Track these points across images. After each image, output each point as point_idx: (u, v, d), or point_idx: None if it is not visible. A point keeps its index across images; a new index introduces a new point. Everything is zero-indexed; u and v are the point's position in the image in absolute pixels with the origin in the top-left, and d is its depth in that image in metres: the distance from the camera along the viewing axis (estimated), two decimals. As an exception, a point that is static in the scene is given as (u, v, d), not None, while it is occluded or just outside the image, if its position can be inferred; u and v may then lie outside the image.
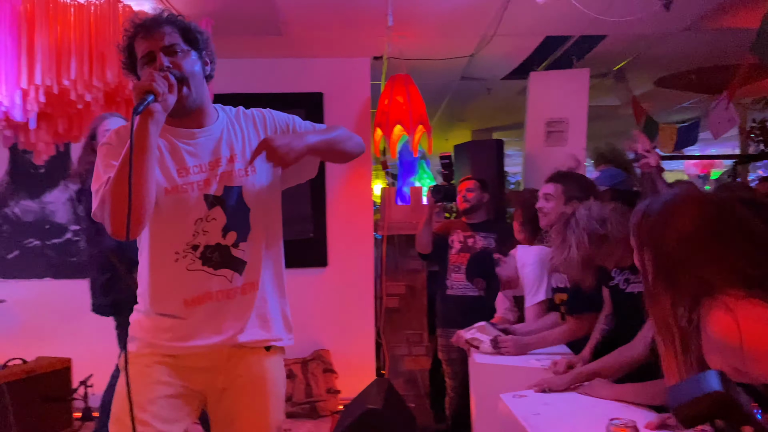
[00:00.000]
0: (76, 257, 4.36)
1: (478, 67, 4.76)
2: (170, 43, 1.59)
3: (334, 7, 3.40)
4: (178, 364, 1.63)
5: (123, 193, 1.39)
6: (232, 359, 1.66)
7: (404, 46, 4.01)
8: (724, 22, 3.72)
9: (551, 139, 4.28)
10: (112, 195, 1.44)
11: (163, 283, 1.63)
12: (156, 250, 1.63)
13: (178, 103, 1.55)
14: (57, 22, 2.84)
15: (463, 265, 3.65)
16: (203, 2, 3.26)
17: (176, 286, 1.62)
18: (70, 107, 3.18)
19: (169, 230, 1.61)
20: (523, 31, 3.90)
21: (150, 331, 1.64)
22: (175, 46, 1.60)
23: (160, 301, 1.63)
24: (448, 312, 3.72)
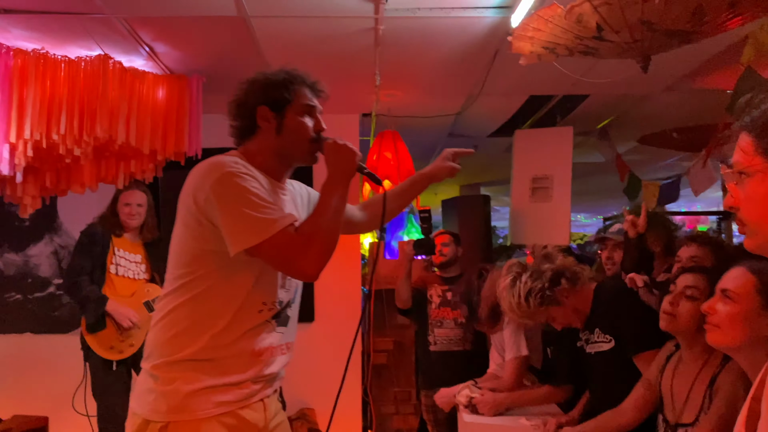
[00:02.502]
0: (59, 311, 4.29)
1: (464, 125, 4.85)
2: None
3: (324, 66, 3.48)
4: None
5: (332, 236, 1.49)
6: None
7: (392, 103, 4.09)
8: (703, 84, 3.83)
9: (537, 195, 4.33)
10: (328, 236, 1.48)
11: (239, 333, 1.54)
12: (249, 301, 1.54)
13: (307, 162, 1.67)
14: (47, 78, 2.88)
15: (446, 319, 3.63)
16: (194, 60, 3.32)
17: (250, 339, 1.55)
18: (58, 161, 3.20)
19: (270, 278, 1.58)
20: (508, 91, 4.00)
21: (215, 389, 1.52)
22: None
23: (231, 351, 1.53)
24: (431, 370, 3.65)
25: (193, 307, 1.51)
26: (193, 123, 3.35)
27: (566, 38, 2.25)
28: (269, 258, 1.48)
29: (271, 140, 1.62)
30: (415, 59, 3.40)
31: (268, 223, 1.44)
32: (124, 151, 3.28)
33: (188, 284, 1.52)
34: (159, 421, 1.46)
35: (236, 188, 1.46)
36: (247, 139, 1.65)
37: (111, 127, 2.99)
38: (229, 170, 1.48)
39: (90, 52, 3.07)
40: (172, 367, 1.50)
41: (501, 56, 3.22)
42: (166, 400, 1.47)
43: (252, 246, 1.43)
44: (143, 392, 1.52)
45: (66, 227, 4.36)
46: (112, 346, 3.30)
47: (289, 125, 1.61)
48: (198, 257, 1.52)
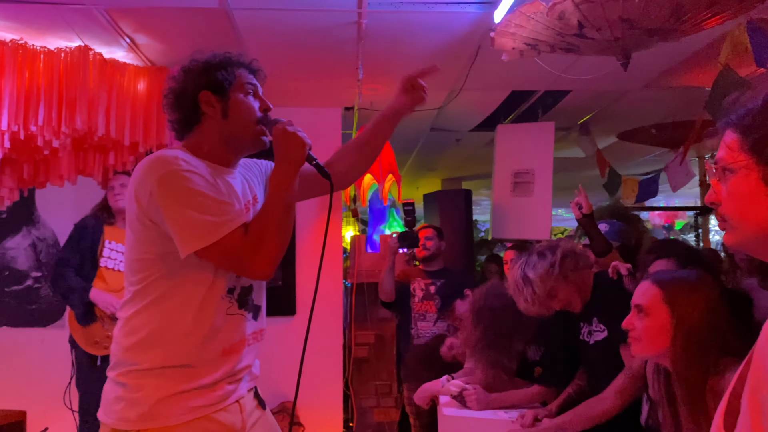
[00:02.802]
0: (36, 305, 4.24)
1: (447, 119, 4.86)
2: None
3: (306, 59, 3.47)
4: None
5: (284, 233, 1.41)
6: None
7: (375, 97, 4.09)
8: (681, 81, 3.89)
9: (518, 189, 4.36)
10: (279, 233, 1.40)
11: (205, 331, 1.46)
12: (213, 296, 1.47)
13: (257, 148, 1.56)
14: (26, 68, 2.84)
15: (428, 312, 3.66)
16: (175, 52, 3.29)
17: (215, 336, 1.47)
18: (36, 153, 3.16)
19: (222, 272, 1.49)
20: (490, 86, 4.02)
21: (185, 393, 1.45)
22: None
23: (200, 352, 1.46)
24: (414, 363, 3.68)
25: (153, 312, 1.45)
26: (174, 115, 3.32)
27: (548, 35, 2.27)
28: (218, 261, 1.42)
29: (217, 126, 1.52)
30: (398, 53, 3.40)
31: (216, 226, 1.37)
32: (104, 143, 3.25)
33: (144, 290, 1.45)
34: (129, 430, 1.41)
35: (179, 188, 1.38)
36: (190, 130, 1.55)
37: (90, 119, 2.96)
38: (170, 169, 1.39)
39: (70, 43, 3.03)
40: (138, 374, 1.44)
41: (483, 51, 3.24)
42: (135, 408, 1.41)
43: (199, 249, 1.37)
44: (110, 401, 1.46)
45: (44, 220, 4.30)
46: (96, 341, 3.27)
47: (235, 107, 1.52)
48: (148, 262, 1.45)
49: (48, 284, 3.40)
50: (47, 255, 4.27)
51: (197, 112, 1.53)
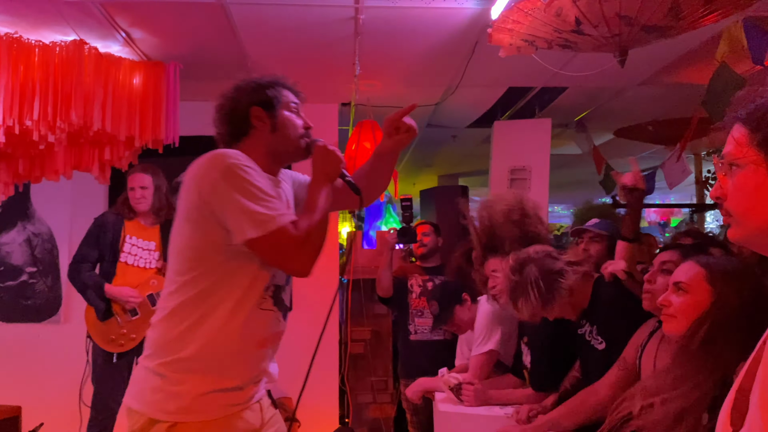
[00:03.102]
0: (31, 300, 4.23)
1: (443, 116, 4.86)
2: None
3: (303, 55, 3.46)
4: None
5: (322, 237, 1.54)
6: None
7: (371, 93, 4.08)
8: (678, 78, 3.89)
9: (515, 186, 4.36)
10: (319, 236, 1.53)
11: (241, 322, 1.55)
12: (254, 290, 1.57)
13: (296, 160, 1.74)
14: (20, 63, 2.83)
15: (425, 309, 3.65)
16: (171, 47, 3.28)
17: (251, 329, 1.57)
18: (31, 148, 3.15)
19: (272, 272, 1.60)
20: (487, 82, 4.01)
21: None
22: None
23: (235, 344, 1.55)
24: (412, 359, 3.69)
25: (198, 304, 1.52)
26: (170, 110, 3.31)
27: (545, 31, 2.27)
28: (266, 253, 1.51)
29: (265, 139, 1.67)
30: (395, 49, 3.40)
31: (270, 218, 1.47)
32: (100, 138, 3.23)
33: (192, 281, 1.53)
34: (166, 420, 1.47)
35: (240, 180, 1.49)
36: (237, 142, 1.69)
37: (86, 114, 2.95)
38: (233, 161, 1.51)
39: (65, 37, 3.02)
40: (179, 366, 1.50)
41: (480, 48, 3.24)
42: (176, 401, 1.48)
43: (251, 239, 1.46)
44: (147, 390, 1.52)
45: (39, 215, 4.29)
46: (112, 338, 3.25)
47: (282, 122, 1.68)
48: (202, 252, 1.54)
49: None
50: (42, 250, 4.26)
51: (247, 126, 1.68)
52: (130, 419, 1.53)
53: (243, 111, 1.67)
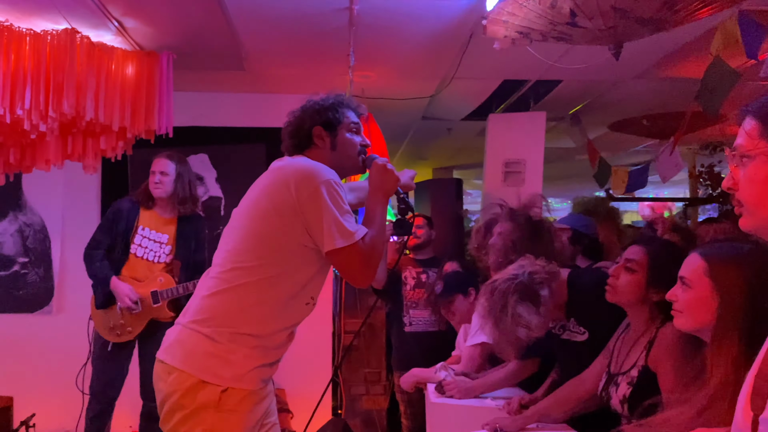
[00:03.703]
0: (23, 291, 4.21)
1: (438, 108, 4.85)
2: None
3: (297, 45, 3.44)
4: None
5: (383, 250, 1.78)
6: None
7: (366, 85, 4.07)
8: (673, 72, 3.89)
9: (509, 179, 4.36)
10: (380, 250, 1.74)
11: (288, 317, 1.75)
12: (304, 292, 1.75)
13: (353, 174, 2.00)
14: (11, 51, 2.80)
15: (420, 300, 3.66)
16: (164, 36, 3.26)
17: (295, 322, 1.78)
18: (23, 137, 3.12)
19: (322, 279, 1.81)
20: (482, 75, 4.01)
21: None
22: None
23: (279, 331, 1.74)
24: (406, 350, 3.69)
25: (263, 289, 1.68)
26: (164, 100, 3.29)
27: (540, 23, 2.26)
28: (342, 263, 1.71)
29: (326, 155, 1.84)
30: (390, 40, 3.38)
31: (352, 233, 1.67)
32: (92, 127, 3.21)
33: (264, 266, 1.68)
34: (219, 384, 1.61)
35: (336, 195, 1.68)
36: (300, 153, 1.86)
37: (78, 103, 2.92)
38: (333, 178, 1.70)
39: (56, 25, 2.99)
40: (235, 338, 1.65)
41: (475, 39, 3.23)
42: (231, 368, 1.63)
43: (336, 249, 1.65)
44: (199, 354, 1.64)
45: (31, 205, 4.26)
46: (111, 326, 3.24)
47: (341, 142, 1.87)
48: (282, 244, 1.69)
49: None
50: (34, 241, 4.24)
51: (309, 142, 1.87)
52: (174, 377, 1.63)
53: (307, 130, 1.86)
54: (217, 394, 1.60)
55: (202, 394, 1.60)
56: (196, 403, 1.60)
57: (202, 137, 4.27)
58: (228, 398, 1.61)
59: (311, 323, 4.39)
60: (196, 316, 1.69)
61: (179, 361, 1.65)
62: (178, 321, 1.74)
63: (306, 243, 1.69)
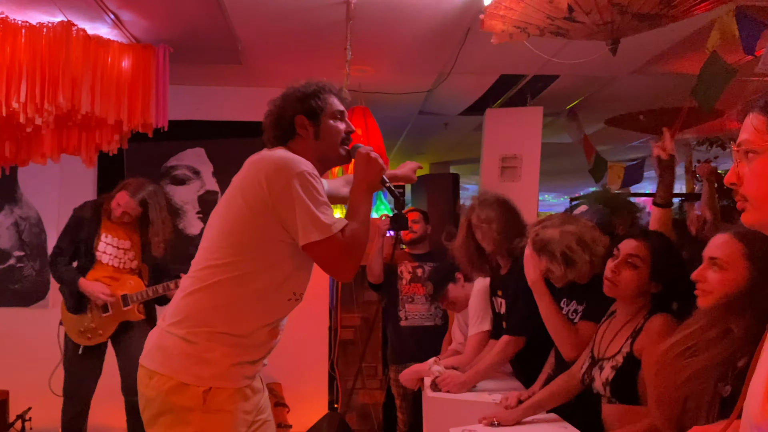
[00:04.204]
0: (19, 284, 4.20)
1: (435, 103, 4.85)
2: None
3: (294, 39, 3.43)
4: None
5: (365, 242, 1.68)
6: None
7: (363, 79, 4.06)
8: (669, 67, 3.89)
9: (506, 174, 4.36)
10: (362, 243, 1.67)
11: (267, 314, 1.70)
12: (282, 289, 1.69)
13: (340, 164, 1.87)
14: (7, 43, 2.79)
15: (416, 294, 3.68)
16: (160, 29, 3.24)
17: (276, 318, 1.73)
18: (18, 130, 3.11)
19: (305, 274, 1.74)
20: (479, 69, 4.00)
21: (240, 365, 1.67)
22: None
23: (260, 329, 1.69)
24: (402, 344, 3.70)
25: (238, 285, 1.63)
26: (160, 94, 3.28)
27: (538, 18, 2.26)
28: (320, 256, 1.65)
29: (310, 145, 1.77)
30: (387, 34, 3.38)
31: (329, 226, 1.60)
32: (88, 121, 3.20)
33: (237, 263, 1.63)
34: (200, 385, 1.58)
35: (311, 187, 1.61)
36: (283, 144, 1.78)
37: (74, 96, 2.91)
38: (307, 170, 1.62)
39: (52, 18, 2.97)
40: (211, 337, 1.61)
41: (473, 34, 3.22)
42: (210, 367, 1.60)
43: (312, 242, 1.59)
44: (176, 356, 1.61)
45: (27, 198, 4.25)
46: (81, 330, 3.25)
47: (325, 130, 1.78)
48: (254, 241, 1.64)
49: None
50: (30, 234, 4.23)
51: (292, 132, 1.78)
52: (152, 381, 1.61)
53: (288, 119, 1.78)
54: (200, 394, 1.57)
55: (185, 397, 1.57)
56: (180, 405, 1.58)
57: (199, 131, 4.26)
58: (213, 398, 1.58)
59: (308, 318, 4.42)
60: (172, 318, 1.65)
61: (158, 365, 1.61)
62: (158, 324, 1.70)
63: (283, 238, 1.63)
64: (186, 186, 4.34)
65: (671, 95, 4.31)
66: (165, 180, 4.31)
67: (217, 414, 1.59)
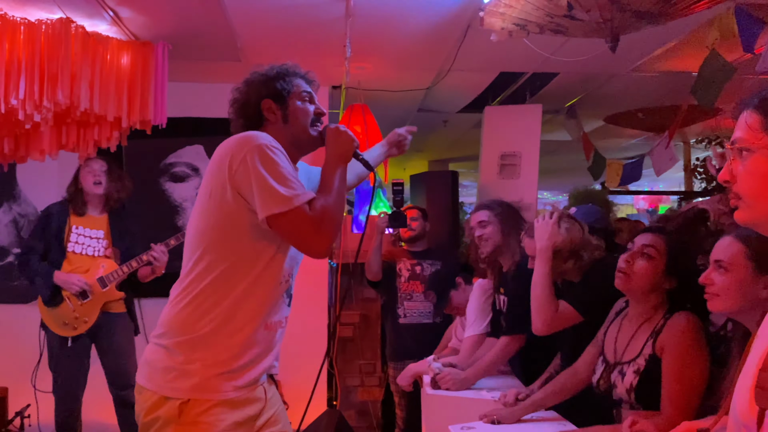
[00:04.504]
0: (18, 281, 4.19)
1: (434, 100, 4.84)
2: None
3: (293, 36, 3.42)
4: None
5: (338, 218, 1.61)
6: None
7: (362, 76, 4.06)
8: (669, 66, 3.89)
9: (505, 171, 4.36)
10: (335, 218, 1.59)
11: (256, 305, 1.62)
12: (270, 273, 1.63)
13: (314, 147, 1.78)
14: (6, 40, 2.78)
15: (415, 292, 3.68)
16: (159, 26, 3.24)
17: (265, 311, 1.64)
18: (17, 127, 3.10)
19: (286, 253, 1.66)
20: (479, 67, 4.00)
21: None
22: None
23: (248, 325, 1.61)
24: (400, 342, 3.70)
25: (218, 285, 1.57)
26: (159, 91, 3.28)
27: (537, 15, 2.26)
28: (286, 231, 1.56)
29: (279, 129, 1.71)
30: (386, 32, 3.37)
31: (291, 198, 1.53)
32: (87, 118, 3.20)
33: (212, 263, 1.58)
34: (179, 398, 1.53)
35: (269, 160, 1.54)
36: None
37: (73, 93, 2.91)
38: (264, 142, 1.56)
39: (51, 15, 2.97)
40: (195, 345, 1.56)
41: (472, 31, 3.22)
42: (188, 379, 1.54)
43: (273, 215, 1.52)
44: (159, 369, 1.57)
45: (25, 195, 4.24)
46: (66, 322, 3.25)
47: (294, 113, 1.72)
48: (223, 233, 1.58)
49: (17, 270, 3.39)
50: (29, 231, 4.22)
51: (260, 119, 1.73)
52: (142, 397, 1.59)
53: (254, 104, 1.72)
54: (177, 407, 1.52)
55: (163, 410, 1.54)
56: (159, 419, 1.54)
57: (198, 128, 4.25)
58: (190, 410, 1.53)
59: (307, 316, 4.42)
60: (159, 330, 1.62)
61: (145, 380, 1.60)
62: (150, 337, 1.67)
63: (253, 221, 1.55)
64: (185, 183, 4.33)
65: (671, 93, 4.31)
66: (164, 177, 4.31)
67: (192, 426, 1.53)
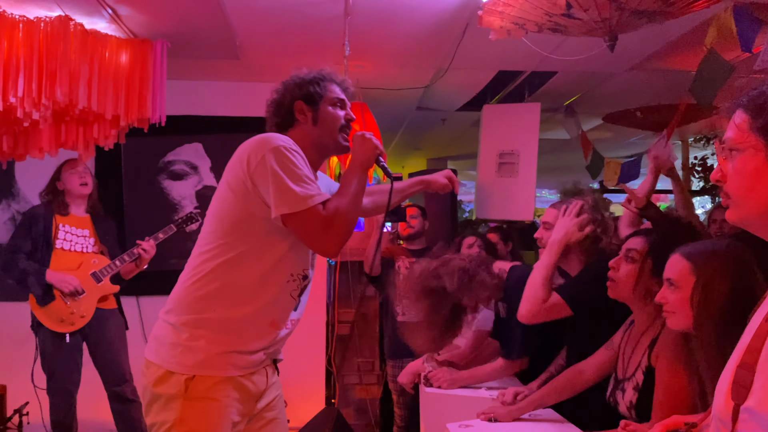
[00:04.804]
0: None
1: (433, 98, 4.84)
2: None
3: (292, 34, 3.43)
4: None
5: (352, 219, 1.66)
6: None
7: (361, 75, 4.06)
8: (667, 64, 3.90)
9: (503, 170, 4.37)
10: (348, 220, 1.64)
11: (267, 298, 1.69)
12: (278, 269, 1.69)
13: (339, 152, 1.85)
14: (4, 38, 2.78)
15: (414, 290, 3.67)
16: (158, 24, 3.23)
17: (274, 308, 1.71)
18: (16, 125, 3.10)
19: (302, 252, 1.73)
20: (477, 65, 4.00)
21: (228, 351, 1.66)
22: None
23: (255, 316, 1.68)
24: (398, 340, 3.70)
25: (227, 269, 1.64)
26: (157, 89, 3.27)
27: (536, 14, 2.26)
28: (298, 230, 1.63)
29: (308, 131, 1.78)
30: (385, 30, 3.37)
31: (305, 198, 1.59)
32: (85, 116, 3.19)
33: (227, 245, 1.65)
34: (184, 373, 1.60)
35: (286, 161, 1.61)
36: (285, 132, 1.78)
37: (71, 91, 2.90)
38: (283, 144, 1.63)
39: (50, 12, 2.96)
40: (200, 324, 1.64)
41: (471, 30, 3.22)
42: (194, 355, 1.61)
43: (286, 214, 1.58)
44: (166, 345, 1.64)
45: (24, 193, 4.24)
46: (62, 319, 3.25)
47: (323, 116, 1.79)
48: (239, 221, 1.65)
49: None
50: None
51: (292, 119, 1.79)
52: (148, 370, 1.66)
53: (287, 105, 1.79)
54: (183, 382, 1.60)
55: (169, 384, 1.61)
56: (165, 393, 1.61)
57: (196, 126, 4.25)
58: (196, 386, 1.60)
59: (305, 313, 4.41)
60: (167, 306, 1.70)
61: (153, 354, 1.67)
62: (159, 312, 1.74)
63: (267, 214, 1.61)
64: (184, 181, 4.33)
65: (669, 92, 4.32)
66: (162, 175, 4.30)
67: (200, 401, 1.60)
